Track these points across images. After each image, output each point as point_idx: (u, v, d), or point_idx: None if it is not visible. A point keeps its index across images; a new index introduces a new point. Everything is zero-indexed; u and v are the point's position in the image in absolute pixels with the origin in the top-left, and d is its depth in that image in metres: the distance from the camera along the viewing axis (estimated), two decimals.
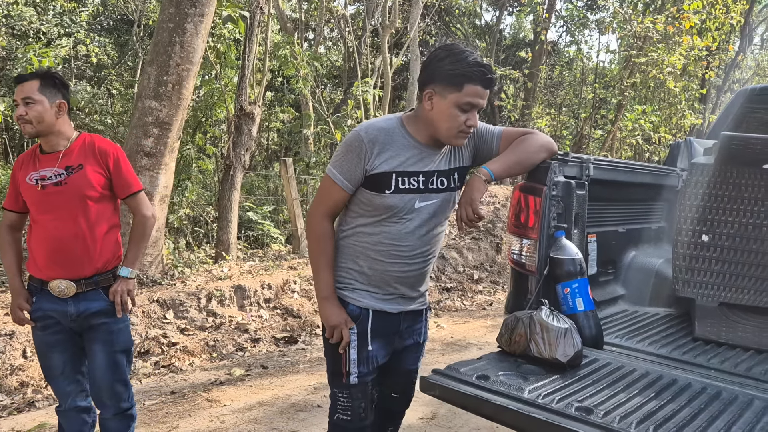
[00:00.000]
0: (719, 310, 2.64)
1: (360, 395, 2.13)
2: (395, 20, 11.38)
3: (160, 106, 5.84)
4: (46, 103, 2.50)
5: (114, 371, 2.61)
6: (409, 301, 2.18)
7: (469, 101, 1.94)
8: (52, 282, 2.52)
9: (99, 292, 2.58)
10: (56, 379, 2.63)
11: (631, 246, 3.07)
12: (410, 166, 2.01)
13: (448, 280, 7.94)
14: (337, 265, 2.14)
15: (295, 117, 12.93)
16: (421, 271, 2.14)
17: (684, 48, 11.06)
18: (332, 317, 2.09)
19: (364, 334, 2.11)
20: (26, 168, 2.57)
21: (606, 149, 13.23)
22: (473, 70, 1.92)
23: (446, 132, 1.99)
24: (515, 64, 17.20)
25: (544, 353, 2.07)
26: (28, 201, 2.55)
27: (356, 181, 2.02)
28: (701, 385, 2.00)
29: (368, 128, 2.02)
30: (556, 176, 2.35)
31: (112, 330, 2.61)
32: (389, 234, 2.04)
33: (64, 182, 2.50)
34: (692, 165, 2.82)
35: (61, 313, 2.54)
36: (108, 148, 2.60)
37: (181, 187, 8.81)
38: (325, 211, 2.09)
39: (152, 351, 4.95)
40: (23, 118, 2.48)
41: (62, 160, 2.53)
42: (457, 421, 3.67)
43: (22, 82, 2.52)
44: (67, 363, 2.60)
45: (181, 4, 5.87)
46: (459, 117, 1.95)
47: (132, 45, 13.42)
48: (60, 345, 2.59)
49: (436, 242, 2.17)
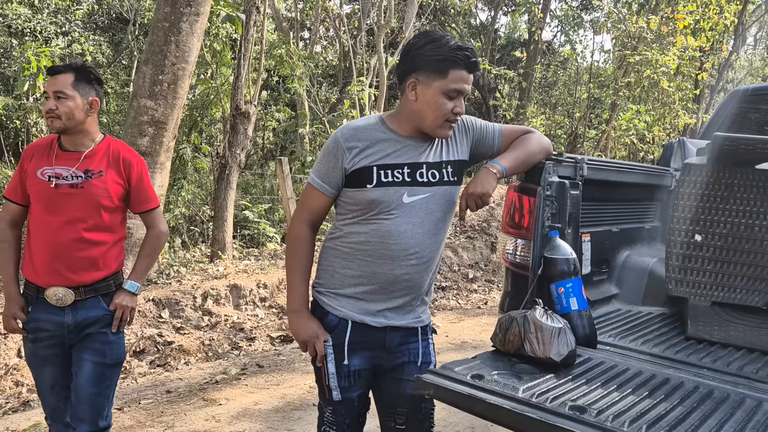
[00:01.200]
0: (712, 310, 2.65)
1: (344, 411, 2.04)
2: (391, 20, 11.39)
3: (155, 106, 5.83)
4: (79, 99, 2.37)
5: (99, 384, 2.44)
6: (399, 314, 2.01)
7: (455, 87, 1.87)
8: (49, 289, 2.37)
9: (98, 300, 2.44)
10: (47, 394, 2.48)
11: (625, 246, 3.08)
12: (392, 158, 1.93)
13: (443, 279, 7.96)
14: (323, 267, 2.04)
15: (291, 116, 12.93)
16: (413, 276, 1.98)
17: (678, 48, 11.11)
18: (300, 331, 1.99)
19: (341, 347, 1.97)
20: (39, 161, 2.39)
21: (600, 148, 13.28)
22: (457, 54, 1.85)
23: (433, 122, 1.90)
24: (510, 63, 17.24)
25: (538, 352, 2.07)
26: (35, 197, 2.38)
27: (335, 184, 1.96)
28: (694, 383, 2.01)
29: (344, 129, 1.97)
30: (550, 176, 2.36)
31: (107, 341, 2.46)
32: (378, 231, 1.92)
33: (81, 186, 2.36)
34: (685, 165, 2.84)
35: (58, 324, 2.39)
36: (133, 160, 2.49)
37: (177, 186, 8.80)
38: (305, 217, 2.03)
39: (148, 350, 4.95)
40: (53, 112, 2.34)
41: (83, 162, 2.39)
42: (452, 419, 3.68)
43: (55, 74, 2.38)
44: (58, 378, 2.45)
45: (176, 4, 5.86)
46: (446, 104, 1.88)
47: (127, 44, 13.38)
48: (51, 359, 2.43)
49: (433, 246, 2.00)
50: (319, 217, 2.05)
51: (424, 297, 2.08)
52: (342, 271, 1.99)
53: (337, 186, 1.97)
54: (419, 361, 2.08)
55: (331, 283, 2.01)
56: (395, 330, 2.02)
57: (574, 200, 2.47)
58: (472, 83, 1.94)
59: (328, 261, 2.02)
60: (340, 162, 1.93)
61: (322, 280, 2.04)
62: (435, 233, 2.00)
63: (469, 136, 2.10)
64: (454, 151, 2.05)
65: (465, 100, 1.95)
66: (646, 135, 11.94)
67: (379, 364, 2.05)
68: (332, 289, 2.01)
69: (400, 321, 2.02)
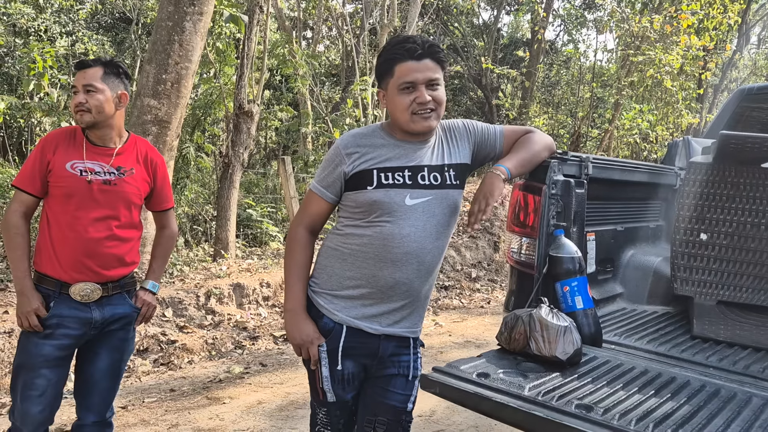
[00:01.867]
0: (717, 309, 2.65)
1: (339, 412, 2.04)
2: (393, 19, 11.39)
3: (159, 105, 5.84)
4: (108, 92, 2.35)
5: (114, 378, 2.48)
6: (393, 320, 1.99)
7: (404, 80, 1.87)
8: (76, 285, 2.32)
9: (124, 296, 2.46)
10: (31, 401, 2.30)
11: (630, 244, 3.08)
12: (393, 162, 1.94)
13: (446, 279, 7.96)
14: (322, 267, 2.03)
15: (294, 115, 12.93)
16: (413, 281, 1.96)
17: (681, 47, 11.08)
18: (295, 334, 1.98)
19: (335, 352, 1.96)
20: (67, 153, 2.33)
21: (603, 148, 13.26)
22: (397, 50, 1.88)
23: (402, 119, 1.91)
24: (513, 63, 17.23)
25: (543, 351, 2.07)
26: (64, 190, 2.30)
27: (335, 189, 1.98)
28: (700, 382, 2.01)
29: (345, 136, 2.01)
30: (555, 175, 2.36)
31: (127, 338, 2.49)
32: (380, 234, 1.91)
33: (114, 183, 2.36)
34: (690, 164, 2.83)
35: (83, 320, 2.34)
36: (157, 159, 2.53)
37: (180, 186, 8.81)
38: (305, 222, 2.04)
39: (151, 349, 4.95)
40: (83, 106, 2.31)
41: (115, 159, 2.39)
42: (456, 418, 3.68)
43: (84, 68, 2.35)
44: (50, 385, 2.33)
45: (180, 3, 5.86)
46: (404, 99, 1.88)
47: (130, 43, 13.40)
48: (54, 361, 2.32)
49: (435, 251, 1.99)
50: (319, 222, 2.06)
51: (420, 306, 2.05)
52: (340, 273, 1.98)
53: (337, 192, 1.99)
54: (410, 374, 2.07)
55: (329, 284, 2.00)
56: (389, 339, 2.01)
57: (579, 199, 2.47)
58: (435, 69, 1.90)
59: (328, 261, 2.02)
60: (340, 167, 1.95)
61: (319, 280, 2.02)
62: (437, 237, 1.98)
63: (471, 140, 2.10)
64: (456, 154, 2.05)
65: (433, 87, 1.90)
66: (649, 134, 11.92)
67: (369, 367, 2.04)
68: (329, 290, 2.00)
69: (394, 328, 2.00)
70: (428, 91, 1.89)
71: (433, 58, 1.89)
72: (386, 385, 2.05)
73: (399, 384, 2.05)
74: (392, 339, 2.01)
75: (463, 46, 18.14)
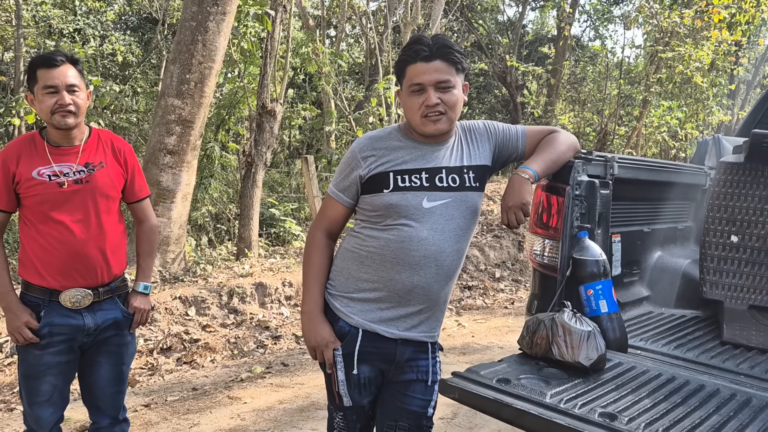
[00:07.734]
0: (749, 313, 2.57)
1: (355, 417, 2.02)
2: (417, 16, 11.33)
3: (182, 104, 5.89)
4: (85, 90, 2.27)
5: (118, 384, 2.45)
6: (410, 324, 1.95)
7: (414, 82, 1.86)
8: (66, 292, 2.26)
9: (115, 301, 2.39)
10: (40, 406, 2.30)
11: (657, 246, 3.00)
12: (409, 164, 1.91)
13: (470, 278, 7.89)
14: (339, 269, 2.00)
15: (317, 114, 12.96)
16: (432, 285, 1.91)
17: (712, 42, 10.83)
18: (310, 337, 1.96)
19: (350, 356, 1.93)
20: (31, 161, 2.24)
21: (630, 146, 13.04)
22: (407, 52, 1.88)
23: (414, 122, 1.90)
24: (538, 60, 17.05)
25: (566, 356, 2.03)
26: (36, 199, 2.23)
27: (351, 193, 1.96)
28: (730, 391, 1.95)
29: (361, 139, 2.00)
30: (579, 175, 2.31)
31: (124, 343, 2.43)
32: (398, 237, 1.88)
33: (86, 180, 2.27)
34: (721, 163, 2.75)
35: (76, 327, 2.28)
36: (124, 147, 2.41)
37: (204, 185, 8.89)
38: (323, 225, 2.03)
39: (174, 347, 5.00)
40: (67, 107, 2.19)
41: (82, 156, 2.29)
42: (478, 421, 3.64)
43: (57, 66, 2.20)
44: (57, 389, 2.31)
45: (203, 3, 5.90)
46: (415, 102, 1.87)
47: (156, 43, 13.56)
48: (57, 368, 2.29)
49: (455, 255, 1.94)
50: (337, 226, 2.04)
51: (438, 310, 2.00)
52: (357, 275, 1.95)
53: (353, 196, 1.97)
54: (429, 380, 2.02)
55: (345, 287, 1.97)
56: (406, 343, 1.97)
57: (604, 200, 2.41)
58: (446, 70, 1.86)
59: (345, 263, 1.99)
60: (357, 170, 1.94)
61: (336, 283, 2.00)
62: (457, 241, 1.94)
63: (492, 141, 2.06)
64: (476, 155, 2.01)
65: (444, 89, 1.86)
66: (678, 132, 11.68)
67: (386, 372, 2.00)
68: (345, 293, 1.97)
69: (411, 333, 1.96)
70: (438, 93, 1.85)
71: (444, 59, 1.86)
72: (405, 390, 2.01)
73: (418, 389, 2.01)
74: (409, 343, 1.97)
75: (488, 43, 17.99)
